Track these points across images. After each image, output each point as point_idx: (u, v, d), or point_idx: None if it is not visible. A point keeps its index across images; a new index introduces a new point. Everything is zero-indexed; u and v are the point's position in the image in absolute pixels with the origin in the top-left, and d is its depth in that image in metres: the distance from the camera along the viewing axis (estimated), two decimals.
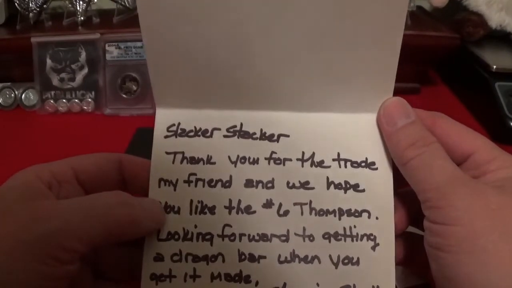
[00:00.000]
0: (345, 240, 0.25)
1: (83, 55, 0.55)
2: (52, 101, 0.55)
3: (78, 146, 0.46)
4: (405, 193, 0.26)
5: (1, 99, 0.56)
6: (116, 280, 0.27)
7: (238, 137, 0.26)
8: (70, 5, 0.58)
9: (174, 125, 0.27)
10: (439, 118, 0.26)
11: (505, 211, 0.21)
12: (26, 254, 0.19)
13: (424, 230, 0.23)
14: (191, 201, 0.25)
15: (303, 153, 0.26)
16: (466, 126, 0.26)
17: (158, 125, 0.27)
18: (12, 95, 0.56)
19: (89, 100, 0.55)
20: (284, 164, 0.26)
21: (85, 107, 0.55)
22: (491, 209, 0.21)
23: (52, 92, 0.55)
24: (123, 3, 0.58)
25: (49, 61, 0.54)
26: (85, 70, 0.55)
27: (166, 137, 0.26)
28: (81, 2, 0.57)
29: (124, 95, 0.54)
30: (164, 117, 0.27)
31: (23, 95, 0.56)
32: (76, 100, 0.55)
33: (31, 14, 0.58)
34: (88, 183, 0.25)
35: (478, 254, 0.20)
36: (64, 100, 0.55)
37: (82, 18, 0.57)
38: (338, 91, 0.26)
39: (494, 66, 0.51)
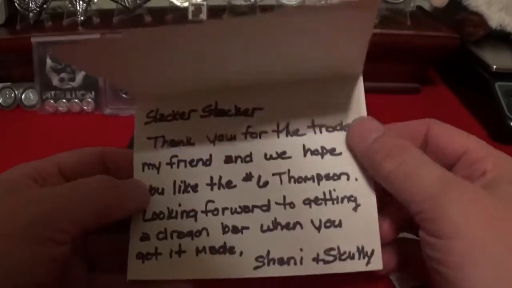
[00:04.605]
0: (325, 204, 0.25)
1: None
2: (52, 101, 0.55)
3: (78, 146, 0.46)
4: (390, 202, 0.26)
5: (1, 99, 0.56)
6: (110, 270, 0.27)
7: (214, 116, 0.27)
8: (70, 5, 0.58)
9: (153, 111, 0.27)
10: (432, 122, 0.26)
11: (504, 216, 0.20)
12: (19, 237, 0.20)
13: (417, 235, 0.23)
14: (174, 181, 0.26)
15: (278, 124, 0.26)
16: (458, 128, 0.25)
17: (137, 112, 0.27)
18: (12, 95, 0.56)
19: (89, 100, 0.55)
20: (260, 137, 0.26)
21: (85, 107, 0.55)
22: (490, 215, 0.20)
23: (52, 92, 0.55)
24: (123, 3, 0.58)
25: (49, 61, 0.54)
26: None
27: (146, 123, 0.27)
28: (81, 2, 0.57)
29: (124, 95, 0.54)
30: (143, 104, 0.28)
31: (23, 95, 0.56)
32: (76, 100, 0.55)
33: (31, 14, 0.58)
34: (72, 176, 0.25)
35: (484, 267, 0.19)
36: (64, 100, 0.55)
37: (82, 18, 0.57)
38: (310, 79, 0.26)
39: (494, 66, 0.51)
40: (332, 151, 0.26)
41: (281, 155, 0.26)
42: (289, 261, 0.25)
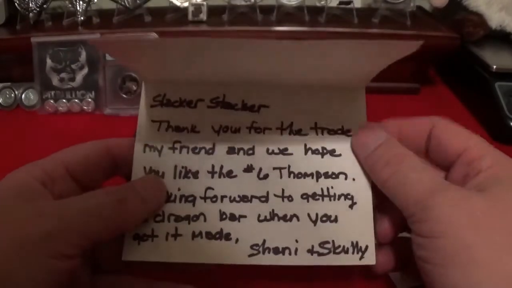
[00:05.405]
0: (323, 200, 0.26)
1: (83, 55, 0.55)
2: (52, 101, 0.55)
3: None
4: (390, 203, 0.26)
5: (1, 99, 0.56)
6: (113, 271, 0.27)
7: (221, 108, 0.27)
8: (70, 5, 0.58)
9: (160, 95, 0.28)
10: (437, 121, 0.26)
11: (491, 218, 0.20)
12: (30, 250, 0.20)
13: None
14: (175, 166, 0.27)
15: (282, 122, 0.27)
16: (462, 127, 0.26)
17: (144, 95, 0.28)
18: (12, 95, 0.56)
19: (89, 100, 0.55)
20: (264, 133, 0.27)
21: (85, 107, 0.55)
22: (476, 217, 0.20)
23: (52, 92, 0.55)
24: (123, 3, 0.58)
25: (49, 61, 0.54)
26: (85, 70, 0.55)
27: (152, 106, 0.28)
28: (81, 2, 0.57)
29: (124, 95, 0.54)
30: (150, 88, 0.28)
31: (23, 95, 0.56)
32: (76, 100, 0.55)
33: (31, 14, 0.58)
34: (80, 174, 0.26)
35: (465, 266, 0.20)
36: (64, 100, 0.55)
37: (82, 18, 0.57)
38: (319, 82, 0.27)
39: (494, 66, 0.51)
40: (332, 152, 0.27)
41: (283, 151, 0.27)
42: (284, 251, 0.25)
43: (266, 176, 0.26)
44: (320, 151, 0.27)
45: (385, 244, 0.27)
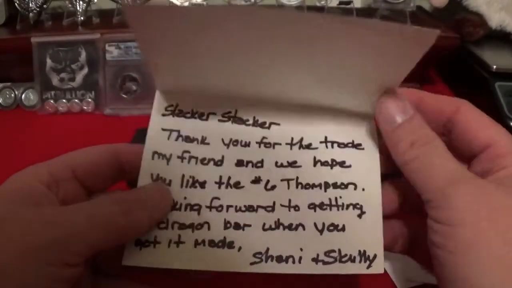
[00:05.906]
0: (330, 209, 0.26)
1: (83, 55, 0.55)
2: (52, 101, 0.55)
3: (78, 146, 0.46)
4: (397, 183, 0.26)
5: (1, 99, 0.56)
6: (113, 275, 0.27)
7: (232, 123, 0.28)
8: (70, 5, 0.58)
9: (172, 105, 0.28)
10: (463, 105, 0.25)
11: (508, 213, 0.20)
12: (36, 258, 0.20)
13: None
14: (183, 175, 0.26)
15: (292, 138, 0.27)
16: (489, 117, 0.25)
17: (157, 103, 0.28)
18: (12, 95, 0.56)
19: (89, 100, 0.55)
20: (273, 148, 0.27)
21: (85, 107, 0.55)
22: (495, 209, 0.21)
23: (52, 92, 0.55)
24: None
25: (49, 61, 0.54)
26: (85, 70, 0.55)
27: (163, 115, 0.28)
28: (81, 2, 0.57)
29: (124, 95, 0.54)
30: (163, 97, 0.28)
31: (23, 95, 0.56)
32: (76, 100, 0.55)
33: (31, 14, 0.58)
34: (87, 178, 0.25)
35: (481, 257, 0.20)
36: (64, 100, 0.55)
37: (82, 18, 0.58)
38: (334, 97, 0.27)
39: (494, 66, 0.51)
40: (341, 164, 0.27)
41: (292, 164, 0.27)
42: (288, 260, 0.25)
43: (273, 187, 0.26)
44: (330, 162, 0.27)
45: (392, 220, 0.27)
